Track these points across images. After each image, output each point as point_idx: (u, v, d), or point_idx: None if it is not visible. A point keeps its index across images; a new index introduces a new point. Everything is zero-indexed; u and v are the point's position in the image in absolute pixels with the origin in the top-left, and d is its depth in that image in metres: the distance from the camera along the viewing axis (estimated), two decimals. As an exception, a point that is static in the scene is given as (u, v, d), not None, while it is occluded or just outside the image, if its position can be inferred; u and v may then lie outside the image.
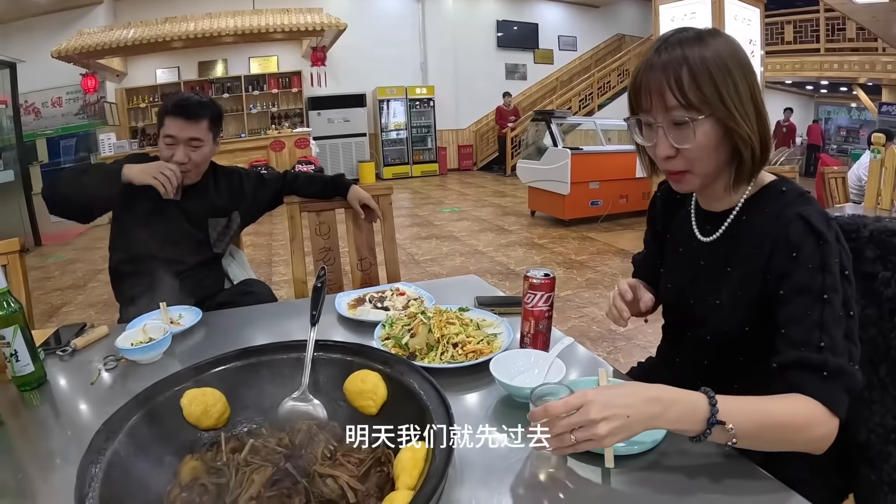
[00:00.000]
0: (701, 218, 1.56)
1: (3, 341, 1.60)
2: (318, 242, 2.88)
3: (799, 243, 1.27)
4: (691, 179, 1.40)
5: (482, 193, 13.19)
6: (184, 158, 2.43)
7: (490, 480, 1.20)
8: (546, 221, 9.69)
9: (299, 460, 1.22)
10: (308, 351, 1.41)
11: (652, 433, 1.22)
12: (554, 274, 1.66)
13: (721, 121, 1.29)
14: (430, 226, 9.89)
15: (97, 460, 1.09)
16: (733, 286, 1.43)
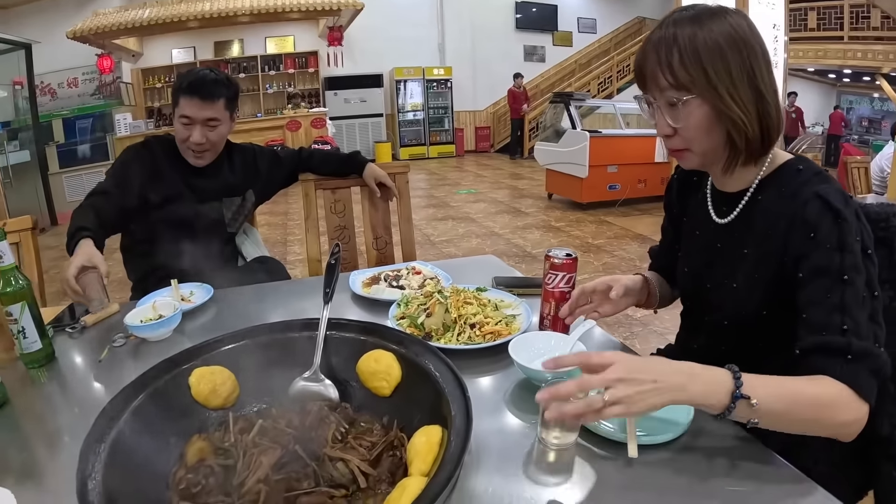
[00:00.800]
0: (716, 199, 1.53)
1: (11, 318, 1.58)
2: (333, 221, 2.84)
3: (816, 222, 1.23)
4: (691, 157, 1.39)
5: (499, 175, 13.14)
6: (201, 139, 2.38)
7: (506, 467, 1.16)
8: (563, 204, 9.62)
9: (309, 443, 1.18)
10: (320, 329, 1.37)
11: (673, 424, 1.21)
12: (576, 254, 1.61)
13: (709, 102, 1.28)
14: (446, 207, 9.86)
15: (101, 440, 1.06)
16: (749, 268, 1.40)
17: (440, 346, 1.50)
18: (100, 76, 11.98)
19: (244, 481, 1.10)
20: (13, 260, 1.58)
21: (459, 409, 1.09)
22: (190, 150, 2.44)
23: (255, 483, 1.08)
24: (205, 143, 2.41)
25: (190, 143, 2.40)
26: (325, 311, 1.41)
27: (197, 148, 2.42)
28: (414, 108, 16.25)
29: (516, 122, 15.70)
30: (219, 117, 2.41)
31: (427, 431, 1.10)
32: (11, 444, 1.32)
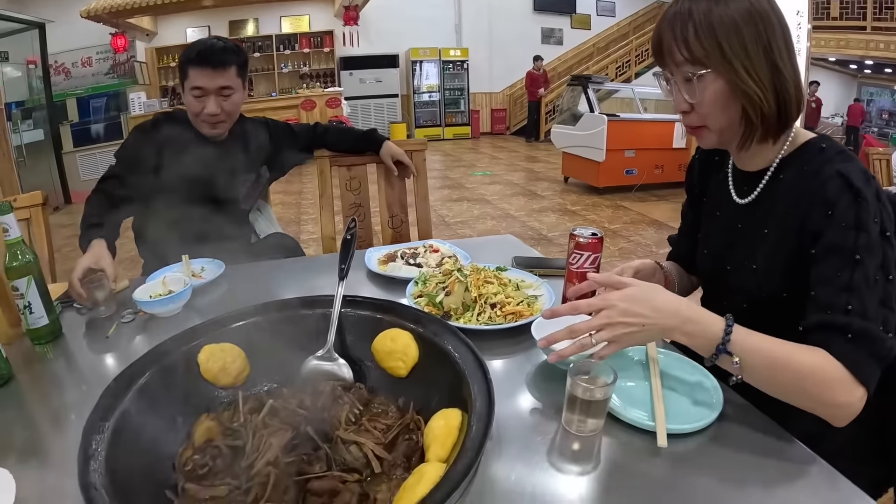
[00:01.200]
0: (738, 179, 1.50)
1: (17, 293, 1.54)
2: (348, 198, 2.79)
3: (835, 200, 1.21)
4: (708, 135, 1.37)
5: (514, 158, 13.05)
6: (216, 110, 2.31)
7: (529, 454, 1.11)
8: (579, 188, 9.54)
9: (321, 424, 1.13)
10: (335, 307, 1.32)
11: (702, 413, 1.19)
12: (602, 234, 1.56)
13: (724, 76, 1.25)
14: (461, 188, 9.81)
15: (106, 418, 1.02)
16: (769, 249, 1.37)
17: (459, 326, 1.44)
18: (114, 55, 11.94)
19: (253, 463, 1.05)
20: (19, 233, 1.54)
21: (481, 392, 1.04)
22: (205, 123, 2.37)
23: (265, 465, 1.03)
24: (220, 113, 2.33)
25: (204, 116, 2.33)
26: (340, 287, 1.35)
27: (212, 119, 2.34)
28: (429, 90, 16.15)
29: (533, 104, 15.56)
30: (232, 85, 2.34)
31: (446, 415, 1.05)
32: (15, 422, 1.28)
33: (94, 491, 0.86)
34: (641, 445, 1.13)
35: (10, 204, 1.49)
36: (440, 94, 16.20)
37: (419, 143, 2.88)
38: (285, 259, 2.38)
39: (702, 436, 1.15)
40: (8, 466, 1.02)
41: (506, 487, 1.03)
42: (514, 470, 1.07)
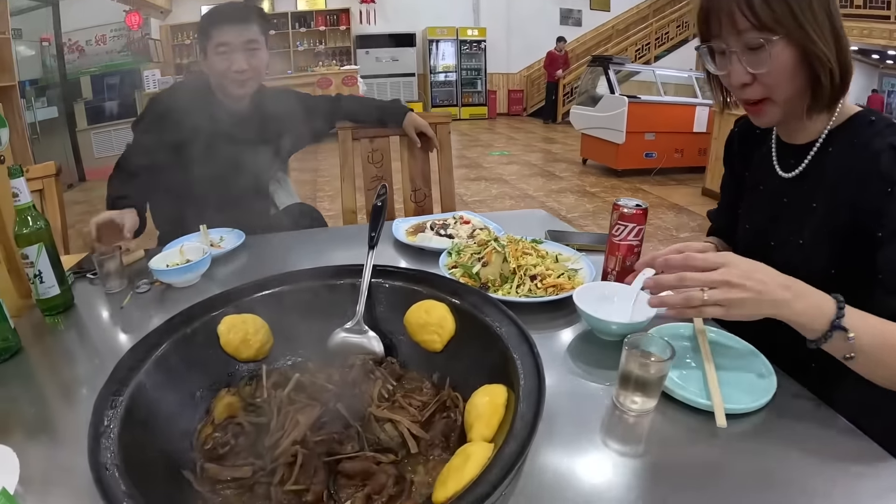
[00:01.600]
0: (782, 152, 1.44)
1: (27, 261, 1.48)
2: (370, 171, 2.71)
3: (891, 175, 1.16)
4: (771, 109, 1.29)
5: (532, 139, 12.92)
6: (244, 65, 2.24)
7: (579, 434, 1.04)
8: (597, 170, 9.41)
9: (352, 400, 1.06)
10: (364, 276, 1.25)
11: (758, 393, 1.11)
12: (646, 205, 1.48)
13: (796, 41, 1.17)
14: (478, 168, 9.72)
15: (119, 392, 0.95)
16: (817, 224, 1.32)
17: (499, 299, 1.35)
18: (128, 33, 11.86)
19: (278, 442, 0.98)
20: (30, 198, 1.47)
21: (528, 367, 0.96)
22: (232, 83, 2.29)
23: (291, 444, 0.96)
24: (247, 69, 2.26)
25: (232, 74, 2.25)
26: (370, 256, 1.28)
27: (240, 76, 2.26)
28: (446, 70, 16.01)
29: (551, 85, 15.41)
30: (257, 39, 2.28)
31: (490, 391, 0.98)
32: (22, 397, 1.22)
33: (105, 471, 0.79)
34: (696, 425, 1.06)
35: (20, 167, 1.43)
36: (457, 73, 16.05)
37: (443, 115, 2.79)
38: (308, 229, 2.30)
39: (757, 416, 1.08)
40: (13, 444, 0.95)
41: (558, 469, 0.95)
42: (563, 449, 1.00)
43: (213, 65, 2.26)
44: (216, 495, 0.92)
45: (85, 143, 10.09)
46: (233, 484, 0.94)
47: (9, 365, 1.31)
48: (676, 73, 9.75)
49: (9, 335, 1.33)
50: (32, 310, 1.56)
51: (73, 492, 0.91)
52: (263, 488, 0.91)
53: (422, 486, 0.93)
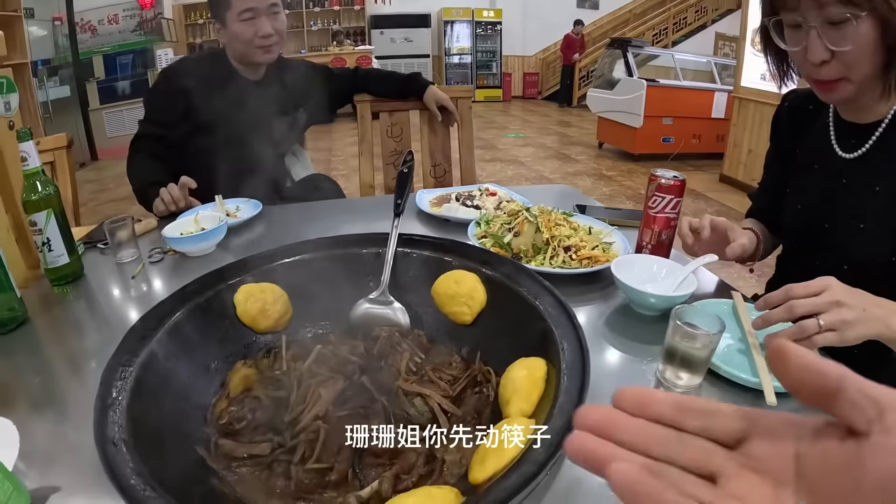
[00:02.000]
0: (842, 131, 1.37)
1: (35, 228, 1.42)
2: (389, 145, 2.65)
3: None
4: (845, 87, 1.20)
5: (547, 122, 12.81)
6: (270, 30, 2.16)
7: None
8: (614, 154, 9.31)
9: (378, 374, 1.00)
10: (390, 245, 1.18)
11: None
12: (684, 177, 1.41)
13: (881, 16, 1.09)
14: (494, 149, 9.64)
15: (129, 363, 0.89)
16: (881, 208, 1.25)
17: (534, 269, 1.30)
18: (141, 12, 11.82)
19: (298, 417, 0.92)
20: (39, 163, 1.41)
21: (569, 340, 0.90)
22: (258, 49, 2.20)
23: (312, 420, 0.91)
24: (273, 34, 2.18)
25: (258, 40, 2.17)
26: (396, 223, 1.21)
27: (267, 41, 2.18)
28: (461, 52, 15.89)
29: (567, 69, 15.26)
30: (277, 3, 2.21)
31: (528, 365, 0.91)
32: (26, 368, 1.17)
33: (112, 445, 0.73)
34: (741, 403, 0.97)
35: (29, 131, 1.37)
36: (472, 55, 15.93)
37: (465, 90, 2.72)
38: (326, 200, 2.25)
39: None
40: (16, 418, 0.89)
41: None
42: None
43: (238, 33, 2.17)
44: (231, 473, 0.87)
45: (97, 122, 10.10)
46: (249, 461, 0.88)
47: (14, 335, 1.26)
48: (695, 57, 9.68)
49: (14, 305, 1.28)
50: (41, 280, 1.51)
51: (78, 469, 0.86)
52: (283, 466, 0.86)
53: (453, 465, 0.86)
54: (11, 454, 0.82)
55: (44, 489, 0.82)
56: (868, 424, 0.32)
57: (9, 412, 0.90)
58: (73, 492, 0.83)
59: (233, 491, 0.84)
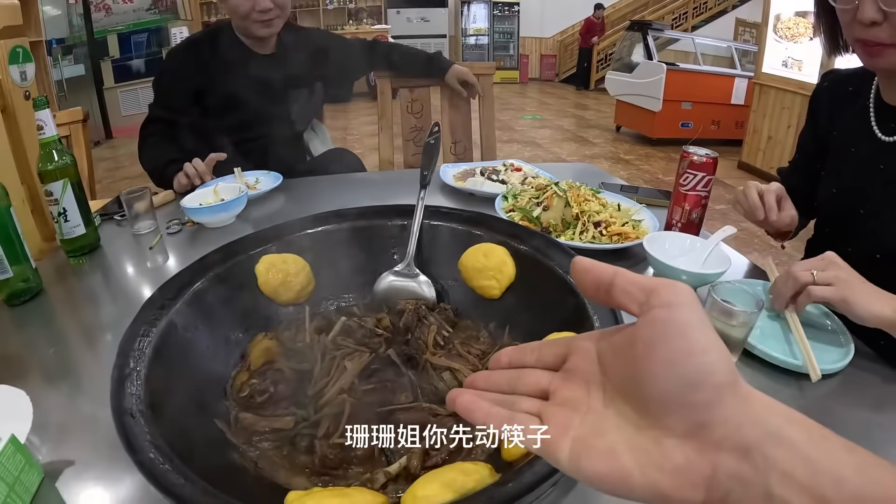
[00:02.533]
0: (884, 114, 1.31)
1: (52, 198, 1.40)
2: (409, 121, 2.61)
3: None
4: (893, 54, 1.14)
5: (564, 105, 12.70)
6: (268, 4, 2.03)
7: None
8: (631, 138, 9.22)
9: (404, 347, 0.97)
10: (416, 216, 1.15)
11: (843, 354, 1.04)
12: (717, 155, 1.38)
13: None
14: (510, 130, 9.58)
15: (147, 333, 0.86)
16: None
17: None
18: (155, -10, 11.84)
19: (323, 391, 0.90)
20: (55, 132, 1.39)
21: (603, 315, 0.87)
22: (257, 23, 2.09)
23: (337, 393, 0.88)
24: (273, 7, 2.06)
25: (256, 14, 2.05)
26: (422, 195, 1.18)
27: (264, 16, 2.07)
28: (477, 32, 15.72)
29: (584, 51, 15.11)
30: None
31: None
32: (40, 339, 1.15)
33: (130, 417, 0.71)
34: (778, 384, 0.99)
35: (45, 98, 1.35)
36: (489, 36, 15.75)
37: (487, 67, 2.67)
38: (347, 174, 2.20)
39: (839, 377, 1.01)
40: (28, 388, 0.87)
41: None
42: None
43: (235, 7, 2.07)
44: (252, 448, 0.84)
45: (112, 100, 10.11)
46: (271, 436, 0.86)
47: (28, 306, 1.25)
48: (716, 42, 9.57)
49: (29, 275, 1.26)
50: (56, 252, 1.49)
51: (93, 443, 0.84)
52: (306, 441, 0.83)
53: (484, 442, 0.83)
54: (24, 426, 0.80)
55: (57, 463, 0.81)
56: (639, 307, 0.40)
57: (22, 384, 0.88)
58: (88, 466, 0.81)
59: (253, 466, 0.81)
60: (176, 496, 0.61)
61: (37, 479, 0.76)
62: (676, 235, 1.35)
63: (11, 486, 0.70)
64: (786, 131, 6.13)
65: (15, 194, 1.26)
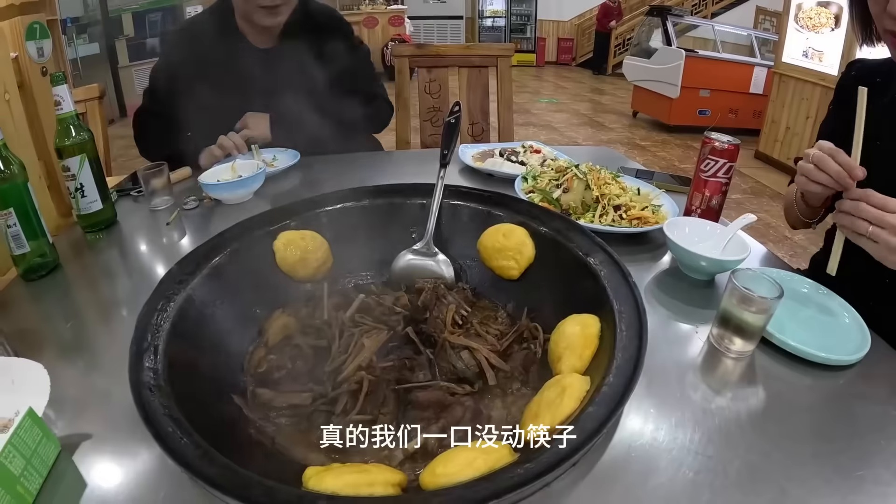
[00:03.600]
0: None
1: (69, 174, 1.40)
2: (426, 101, 2.58)
3: None
4: None
5: (580, 89, 12.62)
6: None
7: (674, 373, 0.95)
8: (648, 124, 9.16)
9: (423, 325, 0.97)
10: (436, 195, 1.15)
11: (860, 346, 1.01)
12: (738, 141, 1.36)
13: None
14: (526, 113, 9.53)
15: (164, 308, 0.87)
16: None
17: (584, 226, 1.24)
18: (170, -31, 11.82)
19: (341, 367, 0.89)
20: (73, 107, 1.38)
21: (623, 298, 0.86)
22: (261, 10, 1.89)
23: (356, 370, 0.87)
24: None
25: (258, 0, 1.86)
26: (442, 175, 1.17)
27: (273, 2, 1.88)
28: (494, 14, 15.61)
29: (601, 36, 14.94)
30: None
31: (581, 321, 0.88)
32: (56, 314, 1.15)
33: (148, 391, 0.71)
34: (798, 373, 0.98)
35: (63, 74, 1.34)
36: (506, 18, 15.66)
37: (505, 48, 2.64)
38: (366, 152, 2.15)
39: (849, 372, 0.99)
40: (45, 362, 0.86)
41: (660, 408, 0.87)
42: (659, 387, 0.90)
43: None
44: (269, 423, 0.85)
45: (126, 79, 10.10)
46: (288, 411, 0.86)
47: (45, 281, 1.25)
48: (735, 30, 9.46)
49: (46, 250, 1.26)
50: (72, 227, 1.49)
51: (109, 416, 0.84)
52: (323, 417, 0.84)
53: (499, 421, 0.84)
54: (42, 400, 0.80)
55: (74, 436, 0.81)
56: None
57: (38, 357, 0.87)
58: (105, 439, 0.81)
59: (270, 441, 0.81)
60: (195, 470, 0.61)
61: (54, 452, 0.76)
62: (696, 221, 1.33)
63: (29, 459, 0.70)
64: (804, 122, 6.06)
65: (32, 170, 1.26)
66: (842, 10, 5.29)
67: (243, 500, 0.58)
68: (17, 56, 1.38)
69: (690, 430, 0.81)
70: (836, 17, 5.49)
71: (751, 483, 0.73)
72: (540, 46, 16.00)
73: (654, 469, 0.75)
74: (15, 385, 0.82)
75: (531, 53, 15.90)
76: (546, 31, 16.24)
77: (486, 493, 0.58)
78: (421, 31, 14.50)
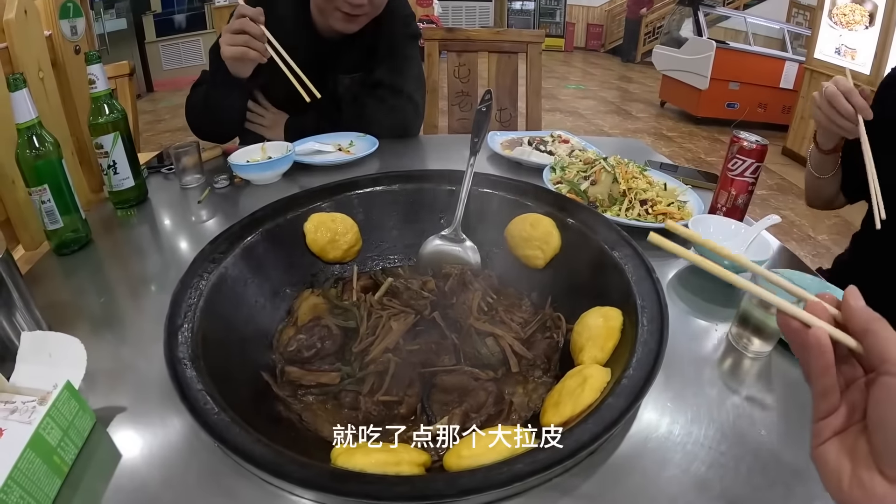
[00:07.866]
0: None
1: (101, 151, 1.41)
2: (455, 86, 2.57)
3: None
4: None
5: (608, 76, 12.49)
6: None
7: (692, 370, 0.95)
8: (675, 115, 9.04)
9: (449, 310, 0.99)
10: (465, 182, 1.16)
11: None
12: (767, 142, 1.36)
13: None
14: (553, 99, 9.45)
15: (197, 286, 0.90)
16: None
17: (610, 219, 1.25)
18: (198, -59, 11.79)
19: (368, 348, 0.92)
20: (107, 86, 1.39)
21: (647, 293, 0.88)
22: (339, 13, 1.77)
23: (382, 352, 0.90)
24: (365, 3, 1.75)
25: (343, 2, 1.73)
26: (472, 162, 1.18)
27: (354, 10, 1.76)
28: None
29: (631, 23, 14.79)
30: None
31: (604, 313, 0.89)
32: (89, 289, 1.17)
33: (183, 366, 0.74)
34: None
35: (97, 53, 1.36)
36: (535, 2, 15.45)
37: (535, 34, 2.63)
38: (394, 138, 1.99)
39: None
40: (79, 336, 0.87)
41: (680, 403, 0.87)
42: (677, 381, 0.91)
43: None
44: (297, 401, 0.88)
45: (153, 55, 10.10)
46: (315, 390, 0.89)
47: (77, 256, 1.27)
48: (768, 23, 9.31)
49: (79, 225, 1.28)
50: (104, 203, 1.51)
51: (142, 390, 0.86)
52: (350, 397, 0.86)
53: (521, 408, 0.86)
54: (78, 373, 0.82)
55: (108, 409, 0.83)
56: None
57: (72, 331, 0.88)
58: (138, 412, 0.83)
59: (298, 418, 0.84)
60: (230, 444, 0.64)
61: (89, 424, 0.78)
62: (721, 220, 1.33)
63: (66, 430, 0.72)
64: (835, 120, 5.98)
65: (65, 146, 1.28)
66: (877, 7, 5.16)
67: (277, 475, 0.60)
68: (51, 34, 1.40)
69: (705, 426, 0.82)
70: (871, 15, 5.35)
71: (759, 480, 0.74)
72: (569, 31, 15.85)
73: (669, 461, 0.76)
74: (52, 358, 0.84)
75: (560, 38, 15.75)
76: (575, 17, 16.08)
77: (509, 476, 0.60)
78: (449, 12, 14.40)
